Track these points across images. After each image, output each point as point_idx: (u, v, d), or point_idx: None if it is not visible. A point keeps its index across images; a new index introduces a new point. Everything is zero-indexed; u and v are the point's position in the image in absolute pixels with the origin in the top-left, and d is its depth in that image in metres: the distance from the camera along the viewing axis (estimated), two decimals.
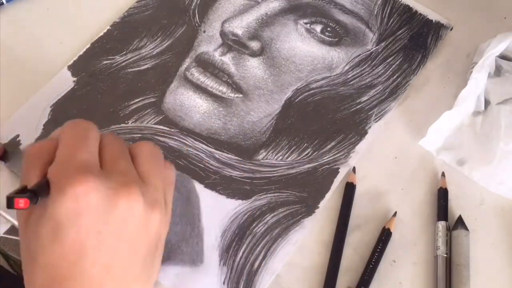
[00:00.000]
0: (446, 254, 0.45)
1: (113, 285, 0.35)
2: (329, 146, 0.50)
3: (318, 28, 0.56)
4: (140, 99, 0.52)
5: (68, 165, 0.35)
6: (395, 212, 0.47)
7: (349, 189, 0.48)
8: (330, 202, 0.48)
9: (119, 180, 0.35)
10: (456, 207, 0.48)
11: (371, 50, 0.56)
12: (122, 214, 0.34)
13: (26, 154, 0.37)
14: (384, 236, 0.46)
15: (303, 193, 0.48)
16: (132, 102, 0.52)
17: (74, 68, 0.53)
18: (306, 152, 0.50)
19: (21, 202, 0.33)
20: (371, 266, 0.45)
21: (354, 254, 0.46)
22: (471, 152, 0.50)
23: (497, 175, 0.48)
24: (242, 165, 0.49)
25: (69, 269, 0.33)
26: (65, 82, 0.52)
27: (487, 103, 0.51)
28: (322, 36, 0.56)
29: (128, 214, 0.35)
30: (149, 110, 0.51)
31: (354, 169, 0.49)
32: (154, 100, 0.52)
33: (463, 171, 0.50)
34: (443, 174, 0.49)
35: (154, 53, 0.55)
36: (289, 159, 0.50)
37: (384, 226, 0.46)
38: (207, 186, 0.48)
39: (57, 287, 0.34)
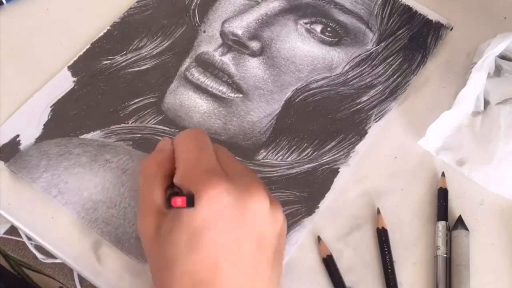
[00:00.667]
0: (446, 254, 0.45)
1: (251, 285, 0.35)
2: (329, 146, 0.50)
3: (318, 28, 0.56)
4: (140, 99, 0.52)
5: (196, 172, 0.35)
6: (378, 209, 0.47)
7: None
8: (330, 202, 0.48)
9: (243, 182, 0.36)
10: (456, 207, 0.48)
11: (371, 50, 0.56)
12: (253, 214, 0.35)
13: (144, 170, 0.38)
14: (384, 236, 0.46)
15: (303, 193, 0.48)
16: (132, 102, 0.52)
17: (74, 68, 0.53)
18: (306, 152, 0.50)
19: (179, 201, 0.34)
20: (389, 270, 0.44)
21: (354, 254, 0.46)
22: (471, 152, 0.50)
23: (497, 175, 0.48)
24: None
25: (208, 274, 0.34)
26: (65, 82, 0.52)
27: (486, 103, 0.51)
28: (322, 36, 0.56)
29: (259, 213, 0.35)
30: (149, 110, 0.51)
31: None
32: (154, 100, 0.52)
33: (463, 171, 0.50)
34: (443, 174, 0.49)
35: (154, 53, 0.55)
36: (289, 159, 0.50)
37: (377, 227, 0.46)
38: None
39: None
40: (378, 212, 0.47)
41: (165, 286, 0.35)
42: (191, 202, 0.34)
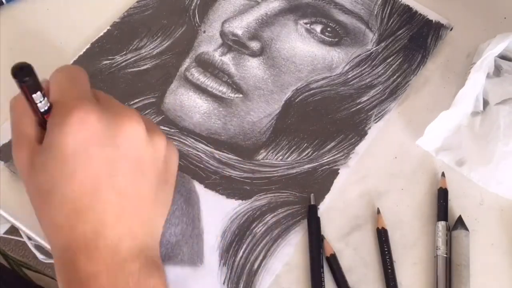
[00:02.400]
0: (446, 254, 0.45)
1: (132, 210, 0.35)
2: (329, 147, 0.50)
3: (318, 28, 0.56)
4: (140, 99, 0.52)
5: (65, 98, 0.34)
6: (378, 209, 0.47)
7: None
8: (330, 202, 0.48)
9: (115, 108, 0.35)
10: (456, 207, 0.48)
11: (371, 50, 0.56)
12: (127, 138, 0.34)
13: (14, 104, 0.37)
14: (384, 236, 0.46)
15: (303, 193, 0.48)
16: (132, 102, 0.52)
17: None
18: (306, 152, 0.50)
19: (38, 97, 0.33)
20: (389, 270, 0.44)
21: (354, 254, 0.46)
22: (470, 152, 0.50)
23: (497, 176, 0.48)
24: (242, 165, 0.49)
25: (87, 199, 0.33)
26: None
27: (485, 103, 0.51)
28: (322, 36, 0.56)
29: (134, 137, 0.35)
30: (149, 110, 0.51)
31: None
32: (154, 100, 0.52)
33: (462, 171, 0.50)
34: (443, 174, 0.49)
35: (154, 53, 0.55)
36: (289, 159, 0.50)
37: (377, 227, 0.46)
38: (207, 186, 0.48)
39: (78, 220, 0.33)
40: (378, 212, 0.47)
41: (46, 217, 0.35)
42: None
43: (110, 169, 0.34)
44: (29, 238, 0.51)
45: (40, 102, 0.34)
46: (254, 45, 0.55)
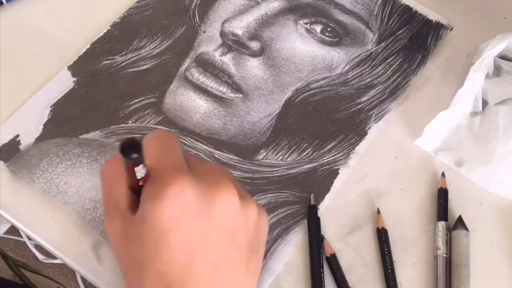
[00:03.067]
0: (446, 254, 0.45)
1: (225, 283, 0.35)
2: (329, 147, 0.50)
3: (318, 28, 0.56)
4: (140, 99, 0.52)
5: (161, 168, 0.34)
6: (378, 209, 0.47)
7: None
8: (330, 202, 0.48)
9: (210, 177, 0.35)
10: (456, 207, 0.48)
11: (371, 50, 0.56)
12: (221, 209, 0.34)
13: (106, 172, 0.36)
14: (384, 236, 0.46)
15: (303, 193, 0.48)
16: (132, 102, 0.52)
17: (74, 68, 0.53)
18: (306, 152, 0.50)
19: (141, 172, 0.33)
20: (389, 270, 0.44)
21: (354, 254, 0.46)
22: (470, 153, 0.50)
23: (496, 176, 0.48)
24: (242, 165, 0.49)
25: (180, 273, 0.33)
26: (65, 82, 0.52)
27: (485, 103, 0.51)
28: (322, 36, 0.56)
29: (227, 208, 0.35)
30: (149, 110, 0.51)
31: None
32: (154, 100, 0.52)
33: (462, 172, 0.50)
34: (443, 174, 0.49)
35: (154, 53, 0.55)
36: (289, 159, 0.50)
37: (377, 227, 0.46)
38: None
39: None
40: (378, 212, 0.47)
41: None
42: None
43: (204, 242, 0.34)
44: (29, 238, 0.51)
45: (140, 173, 0.34)
46: (254, 45, 0.55)
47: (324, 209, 0.48)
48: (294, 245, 0.46)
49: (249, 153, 0.50)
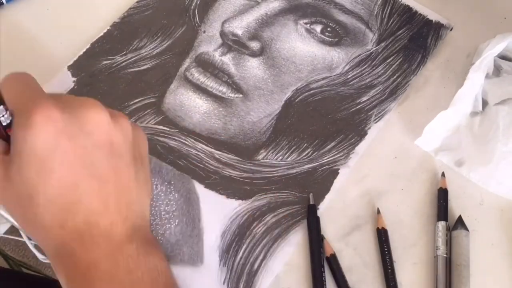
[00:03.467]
0: (446, 254, 0.45)
1: (117, 194, 0.35)
2: (329, 147, 0.50)
3: (318, 28, 0.56)
4: (140, 99, 0.52)
5: (23, 100, 0.34)
6: (378, 209, 0.47)
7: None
8: (330, 202, 0.48)
9: (77, 100, 0.35)
10: (456, 207, 0.48)
11: (371, 50, 0.56)
12: (93, 125, 0.34)
13: None
14: (384, 236, 0.46)
15: (303, 193, 0.48)
16: (132, 102, 0.52)
17: (74, 68, 0.53)
18: (306, 152, 0.50)
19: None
20: (389, 270, 0.44)
21: (354, 254, 0.46)
22: (469, 153, 0.50)
23: (496, 176, 0.48)
24: (242, 165, 0.49)
25: (70, 194, 0.33)
26: (65, 82, 0.52)
27: (485, 103, 0.51)
28: (322, 36, 0.56)
29: (101, 122, 0.35)
30: (149, 110, 0.51)
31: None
32: (154, 100, 0.52)
33: (462, 172, 0.50)
34: (443, 174, 0.49)
35: (154, 53, 0.55)
36: (289, 159, 0.50)
37: (377, 227, 0.46)
38: (207, 186, 0.48)
39: (67, 216, 0.33)
40: (378, 212, 0.47)
41: (33, 222, 0.34)
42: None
43: (86, 159, 0.34)
44: (29, 238, 0.51)
45: (3, 116, 0.33)
46: (254, 45, 0.55)
47: (324, 209, 0.48)
48: (294, 245, 0.46)
49: (249, 153, 0.50)
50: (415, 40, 0.57)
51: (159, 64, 0.54)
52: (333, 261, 0.45)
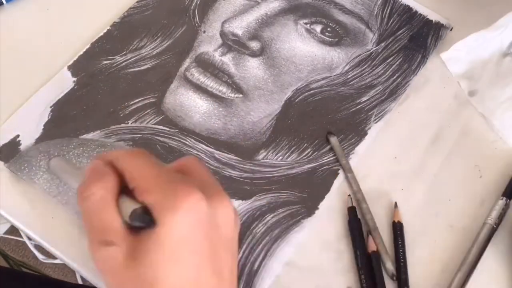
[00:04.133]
0: (495, 225, 0.46)
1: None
2: (329, 147, 0.50)
3: (318, 28, 0.56)
4: (140, 99, 0.52)
5: (160, 185, 0.33)
6: (395, 203, 0.47)
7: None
8: (330, 202, 0.48)
9: (209, 186, 0.34)
10: None
11: (371, 50, 0.56)
12: (223, 217, 0.34)
13: (88, 197, 0.34)
14: (399, 230, 0.46)
15: (303, 193, 0.48)
16: (132, 102, 0.52)
17: (74, 68, 0.53)
18: (306, 152, 0.50)
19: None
20: (401, 263, 0.45)
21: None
22: (486, 87, 0.50)
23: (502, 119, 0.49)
24: (242, 165, 0.49)
25: (190, 284, 0.33)
26: (65, 82, 0.52)
27: None
28: (322, 36, 0.56)
29: (228, 216, 0.35)
30: (149, 110, 0.51)
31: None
32: (154, 100, 0.52)
33: (472, 101, 0.50)
34: None
35: (154, 53, 0.55)
36: (289, 159, 0.50)
37: (393, 221, 0.46)
38: None
39: None
40: (396, 206, 0.47)
41: None
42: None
43: (213, 253, 0.34)
44: (29, 238, 0.51)
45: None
46: (254, 45, 0.55)
47: (324, 209, 0.48)
48: (294, 245, 0.46)
49: (249, 153, 0.50)
50: (415, 40, 0.57)
51: (159, 64, 0.54)
52: (374, 258, 0.45)
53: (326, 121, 0.52)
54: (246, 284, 0.44)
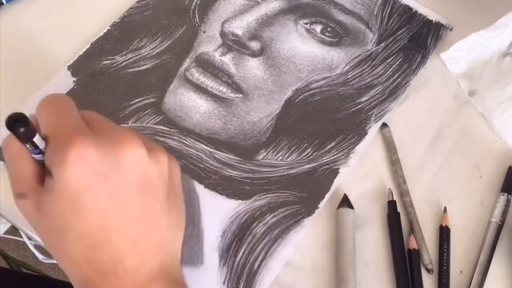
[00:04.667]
0: (500, 222, 0.46)
1: (147, 233, 0.35)
2: (329, 147, 0.50)
3: (318, 28, 0.56)
4: (140, 99, 0.52)
5: (57, 132, 0.34)
6: (445, 207, 0.48)
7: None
8: (330, 202, 0.48)
9: (113, 135, 0.35)
10: None
11: (371, 50, 0.56)
12: (129, 163, 0.34)
13: (7, 148, 0.36)
14: (445, 235, 0.46)
15: (303, 193, 0.48)
16: (132, 102, 0.52)
17: (74, 68, 0.53)
18: (306, 152, 0.50)
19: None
20: (444, 267, 0.45)
21: (357, 254, 0.46)
22: (486, 87, 0.50)
23: (502, 119, 0.50)
24: (242, 165, 0.49)
25: (101, 232, 0.34)
26: (65, 82, 0.52)
27: None
28: (322, 36, 0.56)
29: (137, 160, 0.35)
30: (149, 110, 0.51)
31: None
32: (154, 100, 0.52)
33: (471, 101, 0.50)
34: None
35: (154, 53, 0.55)
36: (289, 159, 0.50)
37: (441, 225, 0.46)
38: (207, 186, 0.48)
39: (95, 253, 0.34)
40: (445, 210, 0.47)
41: (62, 254, 0.35)
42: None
43: (118, 198, 0.34)
44: (29, 238, 0.51)
45: (39, 144, 0.34)
46: (254, 45, 0.55)
47: (324, 209, 0.48)
48: (294, 245, 0.46)
49: (249, 153, 0.50)
50: (415, 40, 0.57)
51: (159, 64, 0.54)
52: (414, 256, 0.45)
53: (326, 121, 0.52)
54: (246, 284, 0.44)
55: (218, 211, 0.47)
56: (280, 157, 0.50)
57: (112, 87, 0.52)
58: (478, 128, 0.53)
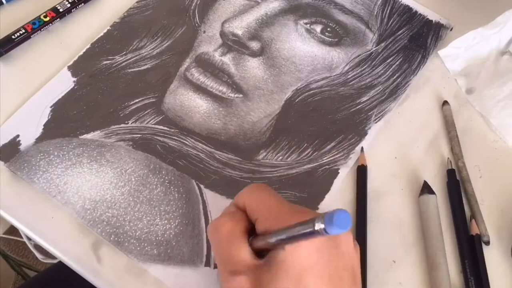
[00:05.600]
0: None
1: None
2: (329, 147, 0.50)
3: (318, 28, 0.56)
4: (140, 99, 0.52)
5: (283, 214, 0.36)
6: (362, 148, 0.49)
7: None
8: (330, 203, 0.48)
9: None
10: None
11: (371, 50, 0.56)
12: (345, 246, 0.36)
13: (219, 230, 0.37)
14: (361, 173, 0.47)
15: (303, 193, 0.48)
16: (132, 102, 0.52)
17: (74, 68, 0.53)
18: (306, 152, 0.50)
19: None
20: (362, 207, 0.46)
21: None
22: (484, 85, 0.50)
23: (499, 117, 0.50)
24: (242, 165, 0.49)
25: None
26: (65, 82, 0.52)
27: None
28: (322, 36, 0.56)
29: (349, 245, 0.36)
30: (149, 110, 0.51)
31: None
32: (154, 100, 0.52)
33: (469, 98, 0.51)
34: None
35: (154, 53, 0.55)
36: (289, 159, 0.50)
37: (358, 165, 0.48)
38: (207, 186, 0.48)
39: None
40: (362, 150, 0.49)
41: None
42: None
43: (336, 280, 0.35)
44: (29, 238, 0.51)
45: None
46: (254, 45, 0.55)
47: (324, 209, 0.48)
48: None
49: (249, 153, 0.50)
50: (415, 40, 0.57)
51: (159, 64, 0.54)
52: (476, 241, 0.45)
53: (326, 121, 0.52)
54: None
55: (218, 211, 0.47)
56: (280, 157, 0.50)
57: (112, 87, 0.52)
58: (478, 128, 0.53)
